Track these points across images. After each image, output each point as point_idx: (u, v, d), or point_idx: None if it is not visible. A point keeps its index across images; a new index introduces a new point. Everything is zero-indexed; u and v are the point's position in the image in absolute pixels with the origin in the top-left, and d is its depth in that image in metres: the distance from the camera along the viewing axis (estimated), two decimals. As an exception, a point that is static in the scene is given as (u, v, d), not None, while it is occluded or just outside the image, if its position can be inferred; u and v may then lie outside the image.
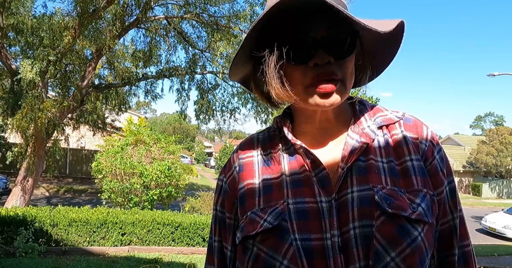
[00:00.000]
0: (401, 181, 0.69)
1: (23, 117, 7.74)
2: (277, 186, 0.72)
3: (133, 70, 10.65)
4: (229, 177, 0.81)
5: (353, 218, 0.65)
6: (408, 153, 0.72)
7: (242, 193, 0.75)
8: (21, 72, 7.52)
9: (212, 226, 0.84)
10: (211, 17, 9.97)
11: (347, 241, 0.64)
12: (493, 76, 15.08)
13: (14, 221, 5.76)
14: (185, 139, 46.72)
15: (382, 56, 0.77)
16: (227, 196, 0.79)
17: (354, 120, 0.77)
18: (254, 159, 0.79)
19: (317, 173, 0.70)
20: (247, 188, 0.75)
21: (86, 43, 8.70)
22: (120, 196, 8.31)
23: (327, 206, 0.67)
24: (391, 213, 0.63)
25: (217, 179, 0.86)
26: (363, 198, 0.66)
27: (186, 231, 6.57)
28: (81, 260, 5.44)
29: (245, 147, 0.82)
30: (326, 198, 0.67)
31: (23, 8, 8.33)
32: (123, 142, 8.99)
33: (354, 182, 0.68)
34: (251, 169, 0.77)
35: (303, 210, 0.67)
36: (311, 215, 0.67)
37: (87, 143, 18.19)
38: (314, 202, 0.68)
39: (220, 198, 0.81)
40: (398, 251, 0.62)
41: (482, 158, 28.34)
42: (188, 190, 13.46)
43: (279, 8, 0.62)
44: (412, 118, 0.79)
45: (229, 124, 12.75)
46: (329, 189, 0.68)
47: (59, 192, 15.60)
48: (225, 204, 0.79)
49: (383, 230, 0.63)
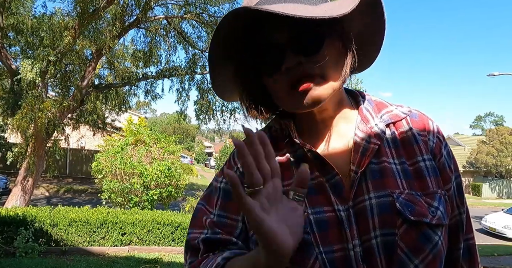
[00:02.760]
0: (415, 183, 0.66)
1: (23, 117, 7.74)
2: None
3: (133, 70, 10.66)
4: None
5: (374, 227, 0.62)
6: (419, 153, 0.69)
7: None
8: (21, 72, 7.52)
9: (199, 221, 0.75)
10: (211, 17, 9.97)
11: (369, 251, 0.62)
12: (493, 76, 15.08)
13: (14, 221, 5.76)
14: (185, 139, 46.72)
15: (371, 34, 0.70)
16: (231, 198, 0.73)
17: (360, 117, 0.73)
18: None
19: (330, 179, 0.66)
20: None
21: (86, 43, 8.70)
22: (120, 196, 8.31)
23: (345, 215, 0.63)
24: (413, 221, 0.62)
25: (212, 180, 0.80)
26: (382, 205, 0.63)
27: (186, 231, 6.55)
28: (81, 260, 5.44)
29: None
30: (343, 206, 0.64)
31: (23, 8, 8.33)
32: (123, 142, 8.99)
33: (370, 187, 0.65)
34: None
35: (324, 220, 0.63)
36: (331, 225, 0.63)
37: (87, 143, 18.19)
38: (332, 210, 0.64)
39: (220, 200, 0.74)
40: (421, 258, 0.61)
41: (482, 158, 28.35)
42: (188, 190, 13.46)
43: (234, 22, 0.60)
44: (418, 113, 0.76)
45: (229, 124, 12.75)
46: (344, 195, 0.65)
47: (59, 192, 15.59)
48: (230, 207, 0.73)
49: (406, 238, 0.61)
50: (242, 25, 0.63)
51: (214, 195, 0.76)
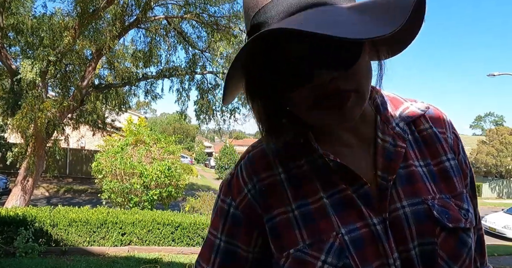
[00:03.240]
0: (443, 185, 0.63)
1: (23, 117, 7.74)
2: (321, 213, 0.60)
3: (133, 70, 10.67)
4: (241, 201, 0.65)
5: (412, 237, 0.58)
6: (443, 152, 0.66)
7: (273, 224, 0.62)
8: (21, 72, 7.53)
9: (206, 254, 0.69)
10: (211, 17, 9.97)
11: (409, 263, 0.58)
12: (493, 76, 15.09)
13: (14, 221, 5.76)
14: (185, 139, 46.73)
15: (402, 35, 0.58)
16: (242, 225, 0.65)
17: (379, 116, 0.66)
18: (278, 178, 0.64)
19: (357, 189, 0.60)
20: (280, 218, 0.61)
21: (86, 43, 8.71)
22: (120, 196, 8.31)
23: (381, 228, 0.58)
24: (451, 228, 0.59)
25: (217, 198, 0.70)
26: (417, 213, 0.59)
27: (186, 231, 6.56)
28: (81, 260, 5.44)
29: (259, 163, 0.66)
30: (378, 219, 0.58)
31: (23, 8, 8.34)
32: (123, 142, 8.99)
33: (401, 195, 0.60)
34: (278, 192, 0.63)
35: (359, 238, 0.58)
36: (367, 241, 0.58)
37: (87, 143, 18.18)
38: (366, 225, 0.58)
39: (227, 226, 0.66)
40: (460, 264, 0.60)
41: (482, 158, 28.37)
42: (188, 190, 13.46)
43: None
44: (432, 107, 0.71)
45: (229, 124, 12.76)
46: (376, 206, 0.59)
47: (59, 192, 15.59)
48: (238, 235, 0.66)
49: (445, 246, 0.59)
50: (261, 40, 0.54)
51: (221, 218, 0.68)
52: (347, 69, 0.53)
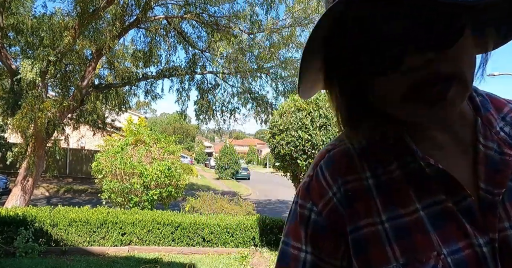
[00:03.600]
0: None
1: (23, 117, 7.74)
2: (417, 228, 0.50)
3: (133, 70, 10.67)
4: (324, 206, 0.56)
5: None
6: None
7: (358, 236, 0.53)
8: (21, 72, 7.53)
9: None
10: (211, 17, 9.98)
11: None
12: (493, 76, 15.08)
13: (14, 221, 5.76)
14: (185, 139, 46.74)
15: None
16: (327, 233, 0.56)
17: (480, 118, 0.56)
18: (365, 183, 0.55)
19: (458, 202, 0.51)
20: (368, 230, 0.53)
21: (86, 43, 8.71)
22: (120, 196, 8.31)
23: (488, 251, 0.48)
24: None
25: (294, 205, 0.61)
26: None
27: (186, 231, 6.57)
28: (81, 260, 5.44)
29: (343, 163, 0.57)
30: (484, 239, 0.49)
31: (23, 8, 8.34)
32: (123, 142, 8.98)
33: (511, 212, 0.50)
34: (365, 199, 0.54)
35: (462, 261, 0.48)
36: (471, 266, 0.48)
37: (87, 143, 18.19)
38: (469, 245, 0.49)
39: (310, 235, 0.57)
40: None
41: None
42: (188, 190, 13.46)
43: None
44: None
45: (229, 124, 12.80)
46: (480, 223, 0.50)
47: (59, 192, 15.60)
48: (324, 245, 0.56)
49: None
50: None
51: (301, 226, 0.58)
52: (447, 48, 0.44)
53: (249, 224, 6.79)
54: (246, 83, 12.04)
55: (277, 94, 12.01)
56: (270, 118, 11.67)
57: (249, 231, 6.76)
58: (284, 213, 12.70)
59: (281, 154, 5.06)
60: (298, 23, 10.48)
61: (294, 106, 5.09)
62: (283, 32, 10.63)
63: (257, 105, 12.18)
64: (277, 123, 5.15)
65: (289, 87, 11.73)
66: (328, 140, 4.65)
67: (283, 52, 11.52)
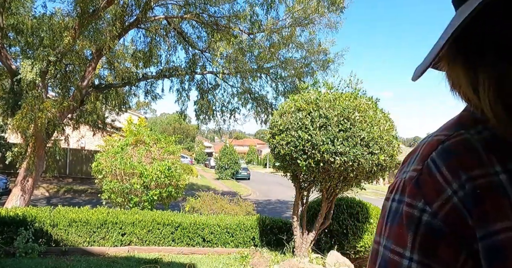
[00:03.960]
0: None
1: (23, 117, 7.74)
2: None
3: (133, 70, 10.67)
4: (441, 206, 0.47)
5: None
6: None
7: (494, 243, 0.44)
8: (21, 73, 7.53)
9: None
10: (211, 17, 9.97)
11: None
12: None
13: (14, 221, 5.77)
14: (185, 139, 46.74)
15: None
16: (443, 241, 0.47)
17: None
18: (496, 179, 0.46)
19: None
20: (506, 236, 0.44)
21: (86, 43, 8.72)
22: (120, 196, 8.31)
23: None
24: None
25: (397, 203, 0.51)
26: None
27: (186, 231, 6.57)
28: (81, 260, 5.44)
29: (466, 155, 0.48)
30: None
31: (23, 8, 8.34)
32: (123, 142, 8.98)
33: None
34: (498, 199, 0.45)
35: None
36: None
37: (87, 143, 18.19)
38: None
39: (420, 241, 0.47)
40: None
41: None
42: (188, 190, 13.46)
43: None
44: None
45: (229, 124, 12.79)
46: None
47: (59, 192, 15.59)
48: (438, 254, 0.46)
49: None
50: None
51: (409, 229, 0.49)
52: None
53: (249, 224, 6.79)
54: (246, 83, 12.05)
55: (277, 94, 12.02)
56: (270, 118, 11.68)
57: (249, 231, 6.76)
58: (284, 213, 12.69)
59: (281, 154, 5.06)
60: (298, 23, 10.49)
61: (294, 106, 5.09)
62: (283, 32, 10.63)
63: (257, 105, 12.18)
64: (277, 123, 5.14)
65: (289, 87, 11.73)
66: (328, 140, 4.63)
67: (283, 52, 11.54)
